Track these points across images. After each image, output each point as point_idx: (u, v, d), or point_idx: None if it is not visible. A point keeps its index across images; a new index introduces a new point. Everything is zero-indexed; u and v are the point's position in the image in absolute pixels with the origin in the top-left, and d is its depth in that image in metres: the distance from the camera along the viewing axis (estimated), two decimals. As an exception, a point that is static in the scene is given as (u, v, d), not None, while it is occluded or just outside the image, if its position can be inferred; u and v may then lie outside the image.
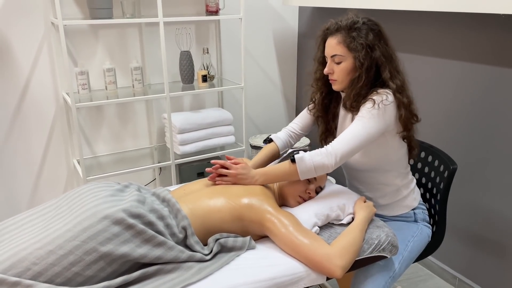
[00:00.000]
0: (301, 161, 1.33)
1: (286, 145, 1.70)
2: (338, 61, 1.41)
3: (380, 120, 1.36)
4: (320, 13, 2.81)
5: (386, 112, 1.37)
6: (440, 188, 1.62)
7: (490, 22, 1.80)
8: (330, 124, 1.60)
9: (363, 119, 1.36)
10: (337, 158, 1.32)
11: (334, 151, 1.32)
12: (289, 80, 3.12)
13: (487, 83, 1.86)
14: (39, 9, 2.23)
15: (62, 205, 1.24)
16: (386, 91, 1.39)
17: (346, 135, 1.34)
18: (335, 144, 1.33)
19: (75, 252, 1.07)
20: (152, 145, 2.72)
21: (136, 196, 1.24)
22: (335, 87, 1.48)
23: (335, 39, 1.41)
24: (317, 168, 1.33)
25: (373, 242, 1.34)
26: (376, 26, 1.41)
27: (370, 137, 1.36)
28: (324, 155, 1.32)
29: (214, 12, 2.50)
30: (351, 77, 1.42)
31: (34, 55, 2.28)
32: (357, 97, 1.42)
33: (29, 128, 2.37)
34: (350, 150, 1.33)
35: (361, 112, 1.38)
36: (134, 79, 2.40)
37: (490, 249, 1.98)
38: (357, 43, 1.37)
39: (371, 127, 1.35)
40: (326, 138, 1.62)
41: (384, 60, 1.39)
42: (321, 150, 1.34)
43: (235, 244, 1.27)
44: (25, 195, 2.46)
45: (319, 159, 1.32)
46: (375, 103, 1.35)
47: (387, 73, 1.39)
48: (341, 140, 1.34)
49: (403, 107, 1.40)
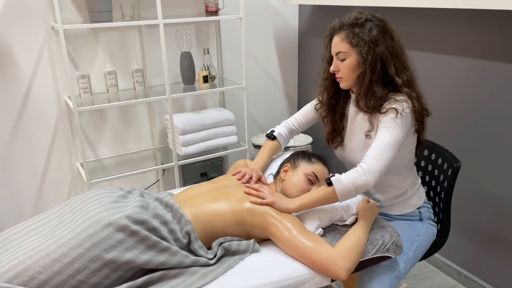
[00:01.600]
0: (338, 182, 1.28)
1: (287, 141, 1.76)
2: (343, 58, 1.41)
3: (404, 128, 1.37)
4: (320, 11, 2.79)
5: (408, 118, 1.38)
6: (444, 186, 1.62)
7: (494, 18, 1.79)
8: (337, 124, 1.59)
9: (389, 130, 1.35)
10: (375, 174, 1.29)
11: (371, 168, 1.29)
12: (291, 78, 3.11)
13: (491, 80, 1.85)
14: (39, 14, 2.23)
15: (66, 212, 1.25)
16: (404, 99, 1.39)
17: (377, 149, 1.32)
18: (370, 161, 1.30)
19: (79, 260, 1.07)
20: (155, 146, 2.72)
21: (139, 202, 1.24)
22: (342, 85, 1.47)
23: (339, 37, 1.41)
24: (356, 188, 1.29)
25: (377, 243, 1.33)
26: (381, 22, 1.41)
27: (399, 145, 1.36)
28: (362, 174, 1.28)
29: (214, 12, 2.50)
30: (357, 73, 1.41)
31: (35, 60, 2.29)
32: (371, 96, 1.41)
33: (32, 132, 2.38)
34: (386, 164, 1.31)
35: (384, 122, 1.36)
36: (135, 81, 2.40)
37: (495, 245, 1.97)
38: (359, 39, 1.37)
39: (399, 136, 1.35)
40: (334, 138, 1.61)
41: (388, 55, 1.38)
42: (357, 169, 1.30)
43: (239, 248, 1.27)
44: (30, 200, 2.47)
45: (357, 178, 1.28)
46: (398, 112, 1.35)
47: (393, 69, 1.39)
48: (374, 155, 1.31)
49: (414, 100, 1.40)
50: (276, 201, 1.33)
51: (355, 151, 1.54)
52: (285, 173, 1.52)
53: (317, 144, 3.01)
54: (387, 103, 1.39)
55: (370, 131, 1.45)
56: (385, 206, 1.59)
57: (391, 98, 1.39)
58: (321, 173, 1.49)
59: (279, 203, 1.33)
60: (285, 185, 1.48)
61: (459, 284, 2.17)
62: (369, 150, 1.33)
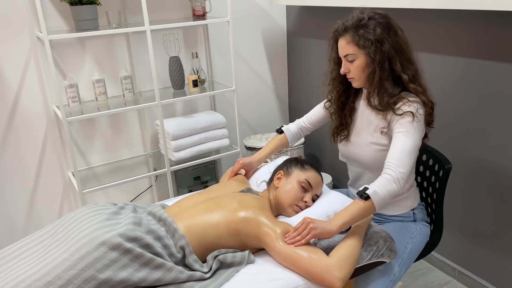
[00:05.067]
0: (376, 195, 1.28)
1: (295, 138, 1.80)
2: (351, 60, 1.44)
3: (420, 130, 1.40)
4: (307, 11, 2.79)
5: (422, 120, 1.41)
6: (436, 188, 1.63)
7: (486, 18, 1.79)
8: (346, 119, 1.61)
9: (409, 134, 1.36)
10: (403, 180, 1.31)
11: (399, 175, 1.31)
12: (281, 79, 3.10)
13: (482, 80, 1.86)
14: (24, 24, 2.20)
15: (59, 231, 1.23)
16: (416, 100, 1.41)
17: (401, 154, 1.33)
18: (396, 168, 1.31)
19: (73, 281, 1.07)
20: (147, 152, 2.71)
21: (132, 219, 1.23)
22: (355, 84, 1.50)
23: (344, 40, 1.43)
24: (391, 197, 1.31)
25: (371, 249, 1.34)
26: (384, 19, 1.42)
27: (418, 148, 1.39)
28: (393, 182, 1.30)
29: (201, 15, 2.48)
30: (367, 73, 1.44)
31: (22, 70, 2.25)
32: (383, 94, 1.43)
33: (22, 143, 2.35)
34: (410, 169, 1.34)
35: (402, 126, 1.38)
36: (124, 88, 2.38)
37: (488, 241, 1.99)
38: (365, 40, 1.39)
39: (418, 139, 1.38)
40: (340, 132, 1.63)
41: (394, 52, 1.40)
42: (386, 177, 1.31)
43: (234, 260, 1.27)
44: (22, 211, 2.45)
45: (390, 188, 1.30)
46: (414, 116, 1.37)
47: (399, 65, 1.41)
48: (399, 161, 1.32)
49: (420, 94, 1.43)
50: (316, 227, 1.25)
51: (361, 145, 1.55)
52: (278, 180, 1.52)
53: (309, 144, 3.01)
54: (401, 103, 1.41)
55: (384, 128, 1.46)
56: None
57: (404, 99, 1.41)
58: (315, 180, 1.49)
59: (320, 230, 1.25)
60: (278, 193, 1.48)
61: (453, 280, 2.19)
62: (392, 155, 1.35)
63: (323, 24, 2.69)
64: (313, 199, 1.49)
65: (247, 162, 1.72)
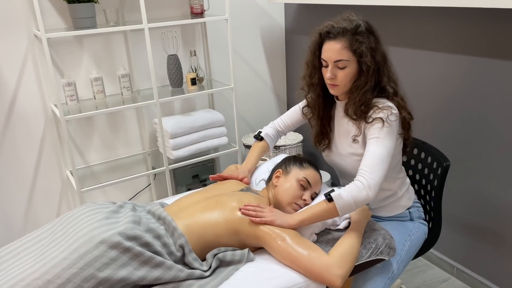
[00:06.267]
0: (339, 198, 1.27)
1: (274, 141, 1.78)
2: (342, 66, 1.36)
3: (393, 136, 1.36)
4: (306, 9, 2.78)
5: (394, 126, 1.37)
6: (434, 185, 1.63)
7: (478, 15, 1.80)
8: (325, 128, 1.58)
9: (379, 140, 1.33)
10: (375, 188, 1.29)
11: (370, 182, 1.28)
12: (279, 77, 3.10)
13: (479, 76, 1.86)
14: (21, 22, 2.19)
15: (57, 230, 1.23)
16: (387, 106, 1.37)
17: (373, 162, 1.31)
18: (367, 175, 1.29)
19: (73, 280, 1.07)
20: (145, 150, 2.70)
21: (131, 217, 1.23)
22: (335, 91, 1.43)
23: (339, 44, 1.34)
24: (357, 203, 1.28)
25: (370, 247, 1.34)
26: (371, 27, 1.38)
27: (391, 154, 1.35)
28: (362, 189, 1.27)
29: (199, 13, 2.47)
30: (353, 81, 1.39)
31: (19, 68, 2.25)
32: (361, 103, 1.38)
33: (19, 142, 2.35)
34: (383, 175, 1.31)
35: (373, 133, 1.35)
36: (122, 86, 2.38)
37: (486, 238, 2.00)
38: (363, 48, 1.33)
39: (390, 145, 1.34)
40: (321, 140, 1.60)
41: (383, 63, 1.37)
42: (357, 184, 1.28)
43: (234, 258, 1.27)
44: (20, 210, 2.44)
45: (357, 194, 1.27)
46: (384, 121, 1.34)
47: (386, 78, 1.38)
48: (371, 168, 1.30)
49: (402, 109, 1.40)
50: (276, 219, 1.31)
51: (342, 155, 1.54)
52: (277, 179, 1.52)
53: (308, 142, 3.01)
54: (371, 111, 1.38)
55: (357, 136, 1.44)
56: (374, 208, 1.59)
57: (375, 106, 1.38)
58: (313, 178, 1.49)
59: (279, 221, 1.31)
60: (277, 191, 1.48)
61: (452, 277, 2.20)
62: (364, 162, 1.32)
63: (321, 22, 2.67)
64: (312, 197, 1.49)
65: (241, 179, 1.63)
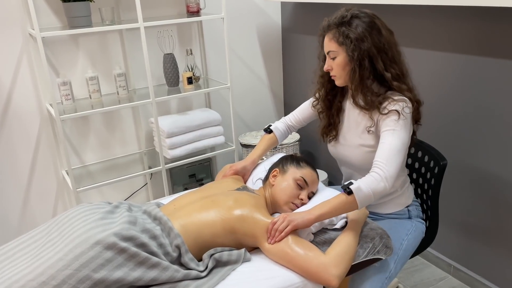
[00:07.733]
0: (359, 191, 1.27)
1: (284, 136, 1.79)
2: (333, 57, 1.44)
3: (408, 128, 1.39)
4: (302, 7, 2.78)
5: (409, 118, 1.39)
6: (431, 184, 1.63)
7: (478, 13, 1.79)
8: (333, 119, 1.60)
9: (395, 132, 1.35)
10: (391, 180, 1.30)
11: (387, 174, 1.29)
12: (276, 75, 3.09)
13: (476, 76, 1.86)
14: (16, 21, 2.17)
15: (53, 231, 1.22)
16: (402, 99, 1.40)
17: (389, 153, 1.32)
18: (383, 166, 1.30)
19: (68, 281, 1.06)
20: (141, 150, 2.69)
21: (127, 218, 1.22)
22: (337, 82, 1.50)
23: (327, 37, 1.44)
24: (376, 195, 1.29)
25: (367, 246, 1.34)
26: (368, 18, 1.41)
27: (407, 145, 1.38)
28: (380, 180, 1.28)
29: (195, 12, 2.46)
30: (347, 71, 1.44)
31: (14, 68, 2.23)
32: (366, 92, 1.42)
33: (15, 142, 2.33)
34: (398, 167, 1.32)
35: (388, 125, 1.37)
36: (118, 85, 2.36)
37: (483, 237, 2.00)
38: (345, 37, 1.38)
39: (405, 137, 1.37)
40: (329, 132, 1.62)
41: (375, 51, 1.39)
42: (374, 176, 1.29)
43: (230, 258, 1.26)
44: (15, 210, 2.43)
45: (376, 186, 1.28)
46: (399, 114, 1.36)
47: (381, 64, 1.40)
48: (387, 160, 1.31)
49: (405, 91, 1.42)
50: (294, 219, 1.28)
51: (350, 147, 1.54)
52: (274, 178, 1.52)
53: (305, 141, 3.01)
54: (387, 103, 1.40)
55: (371, 127, 1.46)
56: (373, 205, 1.59)
57: (389, 98, 1.40)
58: (310, 178, 1.49)
59: (298, 220, 1.28)
60: (274, 190, 1.48)
61: (449, 276, 2.20)
62: (380, 154, 1.33)
63: (317, 21, 2.68)
64: (309, 196, 1.48)
65: (240, 168, 1.68)
